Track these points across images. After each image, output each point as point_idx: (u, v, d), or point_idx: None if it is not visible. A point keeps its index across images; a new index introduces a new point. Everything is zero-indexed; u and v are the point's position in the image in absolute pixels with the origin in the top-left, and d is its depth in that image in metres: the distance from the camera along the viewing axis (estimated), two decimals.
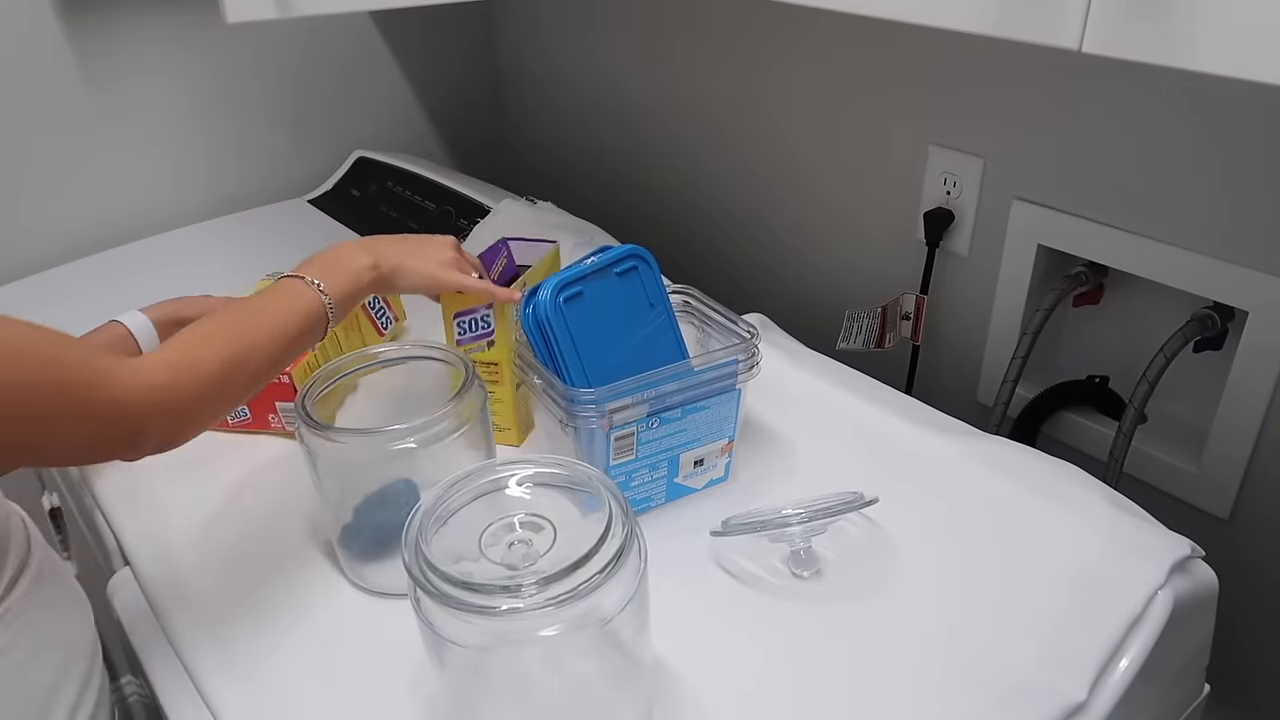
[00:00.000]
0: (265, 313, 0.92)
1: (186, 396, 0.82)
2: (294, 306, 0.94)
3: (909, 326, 1.48)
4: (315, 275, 0.97)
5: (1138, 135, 1.16)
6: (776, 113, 1.60)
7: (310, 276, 0.96)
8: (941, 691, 0.85)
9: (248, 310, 0.92)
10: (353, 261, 1.01)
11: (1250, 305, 1.12)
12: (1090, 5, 0.72)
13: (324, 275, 0.97)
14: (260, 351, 0.89)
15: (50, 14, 1.58)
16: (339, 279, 0.98)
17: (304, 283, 0.96)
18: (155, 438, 0.81)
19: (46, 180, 1.67)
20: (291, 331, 0.93)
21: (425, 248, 1.09)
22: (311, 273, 0.97)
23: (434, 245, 1.10)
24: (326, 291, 0.96)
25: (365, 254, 1.03)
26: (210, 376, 0.83)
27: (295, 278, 0.96)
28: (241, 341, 0.87)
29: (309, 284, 0.96)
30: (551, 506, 0.80)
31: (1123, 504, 1.03)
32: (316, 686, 0.90)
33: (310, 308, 0.95)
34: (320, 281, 0.96)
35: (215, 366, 0.84)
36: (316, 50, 1.90)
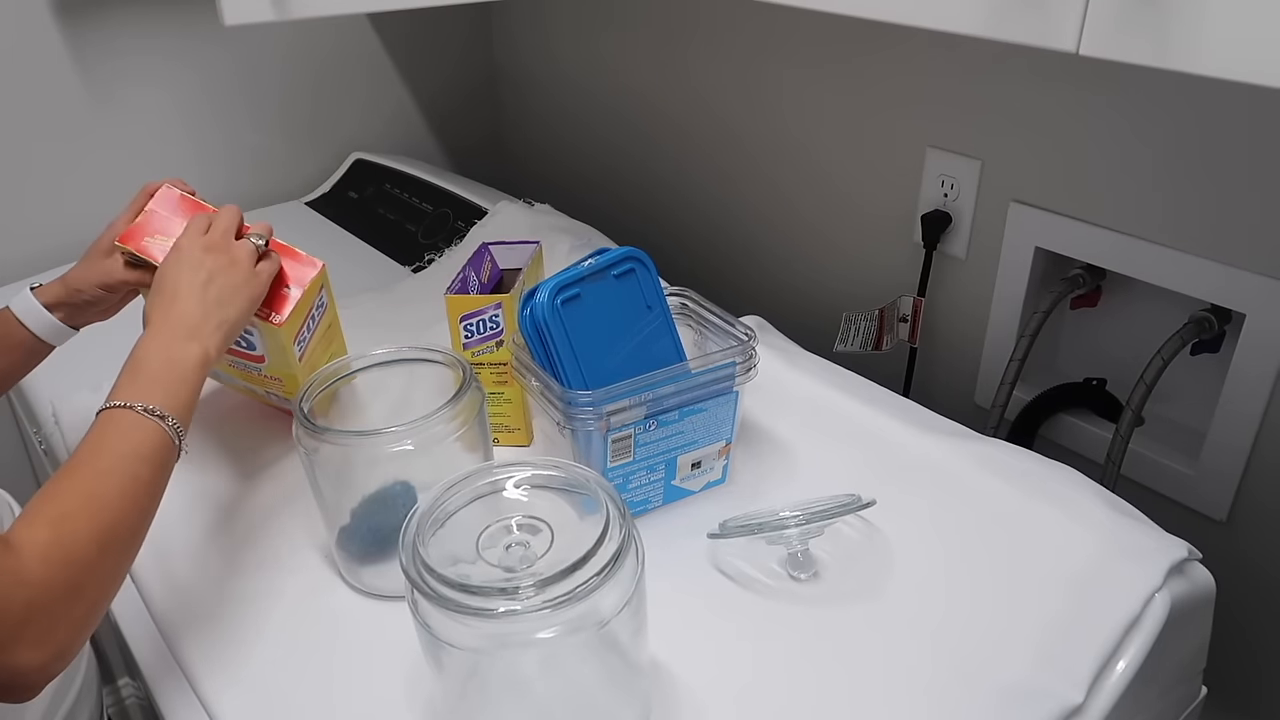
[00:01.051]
0: (110, 469, 0.78)
1: (61, 596, 0.70)
2: (137, 449, 0.80)
3: (907, 329, 1.48)
4: (138, 398, 0.83)
5: (1135, 138, 1.17)
6: (774, 114, 1.60)
7: (137, 403, 0.82)
8: (938, 693, 0.85)
9: (88, 472, 0.78)
10: (179, 360, 0.88)
11: (1247, 308, 1.12)
12: (1088, 8, 0.72)
13: (148, 390, 0.84)
14: (124, 521, 0.77)
15: (47, 16, 1.58)
16: (168, 389, 0.85)
17: (134, 414, 0.82)
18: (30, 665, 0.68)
19: (43, 182, 1.67)
20: (145, 478, 0.80)
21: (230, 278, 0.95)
22: (131, 394, 0.83)
23: (232, 263, 0.97)
24: (160, 410, 0.83)
25: (188, 344, 0.89)
26: (82, 560, 0.72)
27: (119, 409, 0.82)
28: (104, 513, 0.75)
29: (141, 414, 0.82)
30: (549, 509, 0.80)
31: (1120, 506, 1.03)
32: (313, 688, 0.90)
33: (154, 442, 0.82)
34: (152, 405, 0.82)
35: (85, 546, 0.72)
36: (314, 52, 1.90)
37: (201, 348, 0.89)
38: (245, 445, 1.20)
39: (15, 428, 1.71)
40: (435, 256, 1.62)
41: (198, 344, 0.89)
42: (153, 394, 0.83)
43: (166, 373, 0.86)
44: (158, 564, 1.04)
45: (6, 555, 0.68)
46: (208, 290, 0.93)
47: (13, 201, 1.65)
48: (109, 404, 0.82)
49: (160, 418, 0.82)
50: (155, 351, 0.88)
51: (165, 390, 0.84)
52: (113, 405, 0.82)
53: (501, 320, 1.11)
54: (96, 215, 1.71)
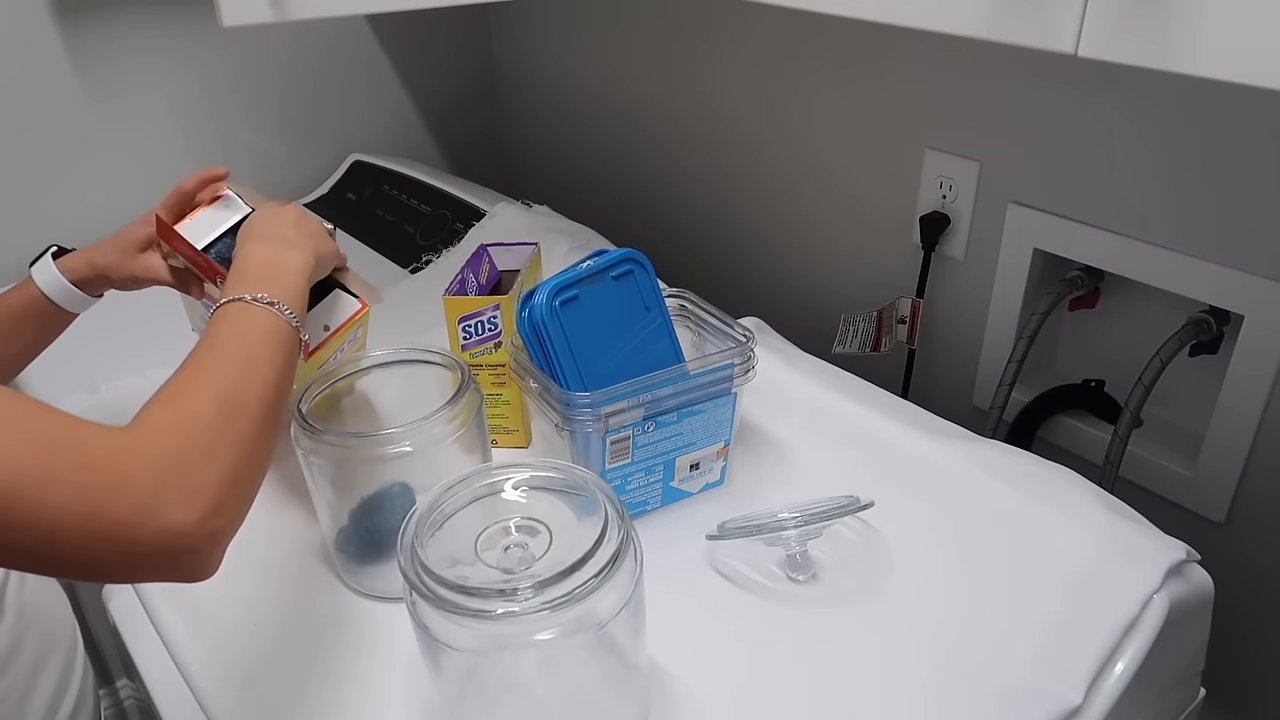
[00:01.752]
0: (224, 348, 0.79)
1: (192, 458, 0.69)
2: (250, 329, 0.82)
3: (905, 330, 1.48)
4: (249, 291, 0.84)
5: (1134, 139, 1.17)
6: (772, 115, 1.60)
7: (246, 294, 0.84)
8: (937, 695, 0.85)
9: (203, 354, 0.78)
10: (287, 262, 0.92)
11: (1246, 309, 1.12)
12: (1086, 9, 0.72)
13: (262, 287, 0.85)
14: (247, 389, 0.76)
15: (46, 17, 1.58)
16: (281, 284, 0.88)
17: (244, 304, 0.83)
18: (186, 526, 0.68)
19: (41, 183, 1.67)
20: (262, 354, 0.80)
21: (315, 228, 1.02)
22: (243, 290, 0.84)
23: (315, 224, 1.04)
24: (272, 299, 0.85)
25: (291, 251, 0.94)
26: (208, 424, 0.71)
27: (229, 303, 0.83)
28: (221, 382, 0.75)
29: (256, 304, 0.83)
30: (547, 510, 0.80)
31: (1118, 508, 1.03)
32: (311, 690, 0.90)
33: (267, 323, 0.83)
34: (266, 295, 0.84)
35: (208, 413, 0.72)
36: (312, 54, 1.90)
37: (302, 256, 0.94)
38: None
39: None
40: (433, 258, 1.62)
41: (298, 252, 0.94)
42: (265, 287, 0.85)
43: (271, 271, 0.89)
44: None
45: (123, 435, 0.68)
46: (299, 225, 0.99)
47: (12, 202, 1.65)
48: (220, 301, 0.84)
49: (270, 304, 0.84)
50: (258, 257, 0.91)
51: (273, 285, 0.86)
52: (224, 301, 0.84)
53: (500, 322, 1.11)
54: (96, 216, 1.72)
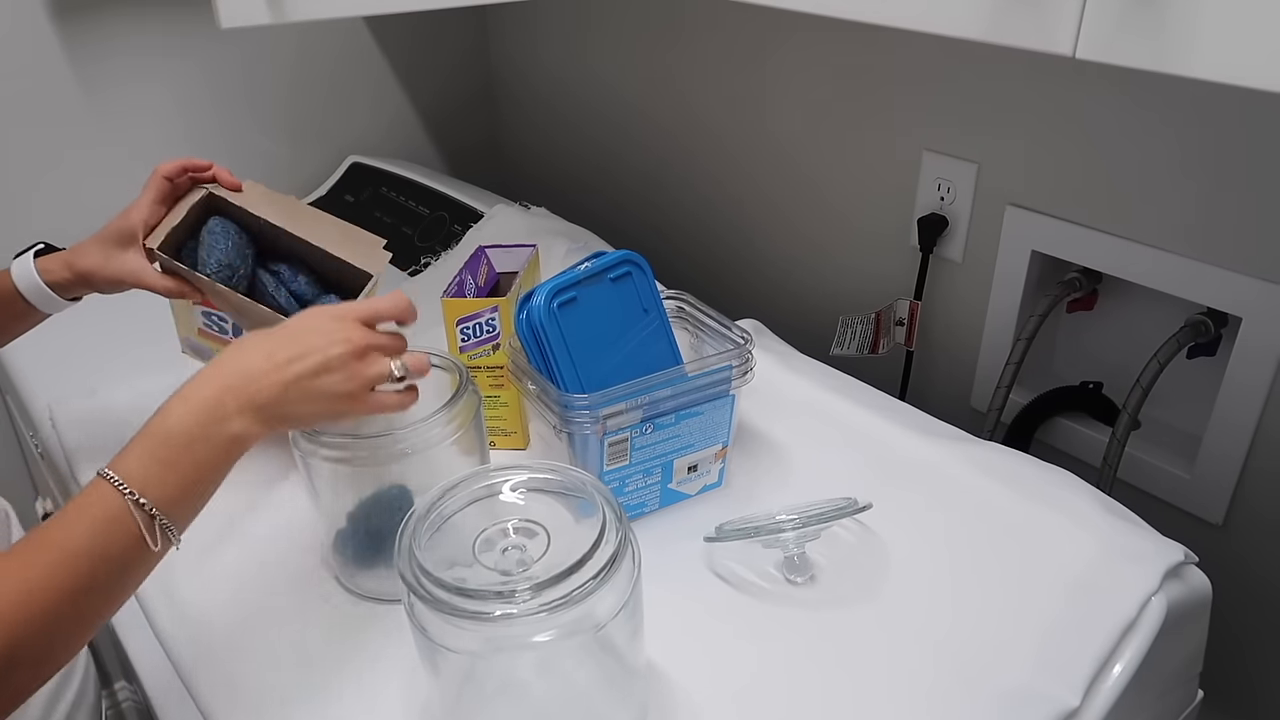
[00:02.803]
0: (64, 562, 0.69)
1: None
2: (106, 548, 0.71)
3: (903, 332, 1.48)
4: (138, 476, 0.73)
5: (1132, 141, 1.17)
6: (771, 117, 1.60)
7: (129, 485, 0.72)
8: (935, 697, 0.85)
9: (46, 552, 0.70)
10: (213, 444, 0.76)
11: (1244, 311, 1.12)
12: (1084, 11, 0.72)
13: (157, 472, 0.74)
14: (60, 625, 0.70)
15: (43, 18, 1.58)
16: (183, 474, 0.75)
17: (121, 501, 0.72)
18: None
19: (39, 184, 1.67)
20: (102, 583, 0.72)
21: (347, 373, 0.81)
22: (135, 467, 0.73)
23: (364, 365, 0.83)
24: (153, 507, 0.73)
25: (239, 418, 0.77)
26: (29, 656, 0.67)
27: (111, 484, 0.72)
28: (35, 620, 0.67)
29: (130, 504, 0.72)
30: (545, 512, 0.80)
31: (1116, 510, 1.03)
32: (309, 692, 0.90)
33: (127, 543, 0.72)
34: (139, 493, 0.72)
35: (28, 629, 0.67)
36: (310, 55, 1.90)
37: (244, 427, 0.77)
38: None
39: (11, 431, 1.71)
40: (432, 260, 1.62)
41: (242, 421, 0.77)
42: (161, 478, 0.74)
43: (191, 451, 0.75)
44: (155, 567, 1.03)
45: None
46: (308, 374, 0.80)
47: (10, 204, 1.64)
48: (107, 472, 0.73)
49: (151, 515, 0.73)
50: (194, 419, 0.76)
51: (179, 475, 0.75)
52: (108, 476, 0.73)
53: (498, 323, 1.11)
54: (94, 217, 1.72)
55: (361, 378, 0.82)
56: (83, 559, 0.70)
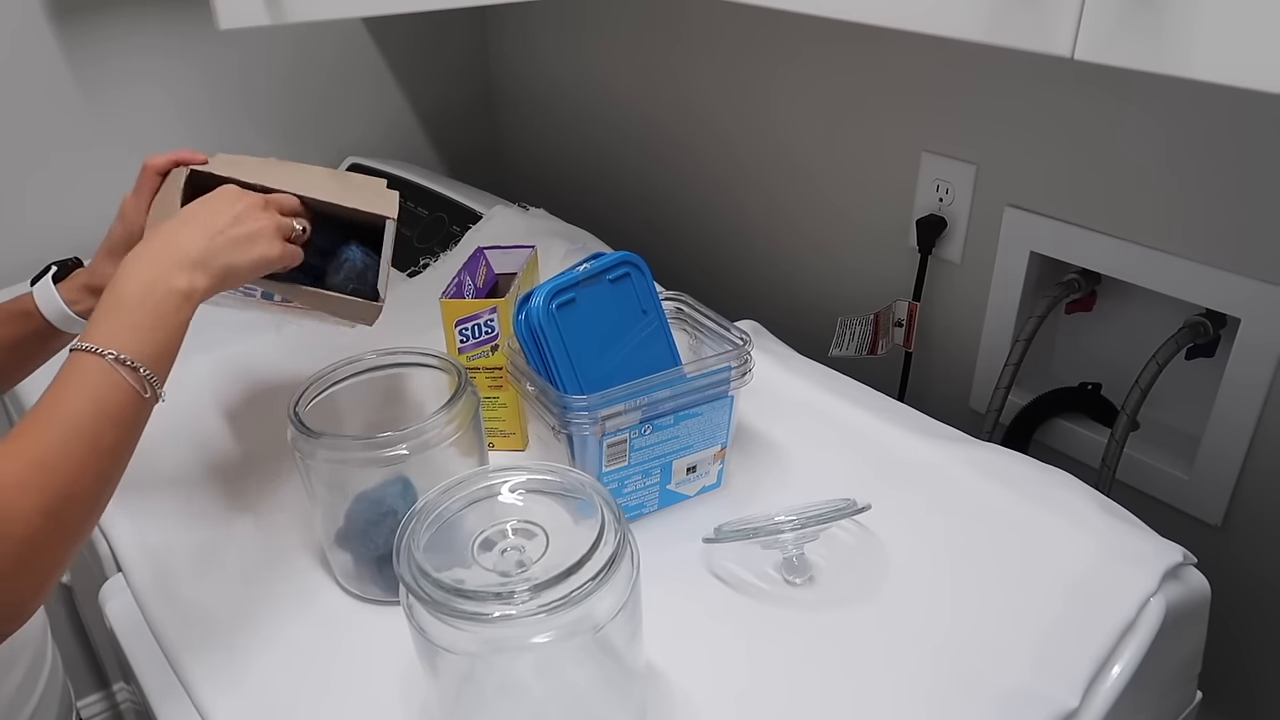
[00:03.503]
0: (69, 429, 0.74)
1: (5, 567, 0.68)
2: (103, 407, 0.76)
3: (902, 333, 1.48)
4: (110, 340, 0.78)
5: (1130, 142, 1.17)
6: (769, 119, 1.60)
7: (105, 348, 0.77)
8: (934, 698, 0.85)
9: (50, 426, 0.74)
10: (161, 295, 0.82)
11: (1242, 312, 1.12)
12: (1083, 13, 0.72)
13: (125, 335, 0.79)
14: (80, 482, 0.74)
15: (41, 19, 1.58)
16: (148, 333, 0.80)
17: (102, 363, 0.77)
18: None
19: (37, 185, 1.67)
20: (109, 439, 0.76)
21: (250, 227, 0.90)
22: (105, 335, 0.78)
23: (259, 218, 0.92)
24: (134, 361, 0.78)
25: (182, 273, 0.83)
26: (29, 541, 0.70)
27: (88, 353, 0.77)
28: (55, 476, 0.72)
29: (110, 364, 0.77)
30: (544, 513, 0.80)
31: (1115, 511, 1.03)
32: (308, 693, 0.90)
33: (121, 398, 0.77)
34: (117, 351, 0.77)
35: (34, 520, 0.70)
36: (309, 56, 1.90)
37: (188, 281, 0.83)
38: (239, 449, 1.20)
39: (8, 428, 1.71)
40: (430, 261, 1.62)
41: (184, 276, 0.83)
42: (130, 339, 0.79)
43: (151, 312, 0.81)
44: (152, 569, 1.04)
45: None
46: (223, 231, 0.88)
47: (8, 205, 1.64)
48: (80, 344, 0.77)
49: (133, 369, 0.78)
50: (144, 284, 0.82)
51: (146, 334, 0.80)
52: (84, 348, 0.77)
53: (496, 325, 1.11)
54: (92, 219, 1.72)
55: (273, 223, 0.93)
56: (92, 422, 0.75)
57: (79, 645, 1.91)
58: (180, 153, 1.04)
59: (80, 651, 1.92)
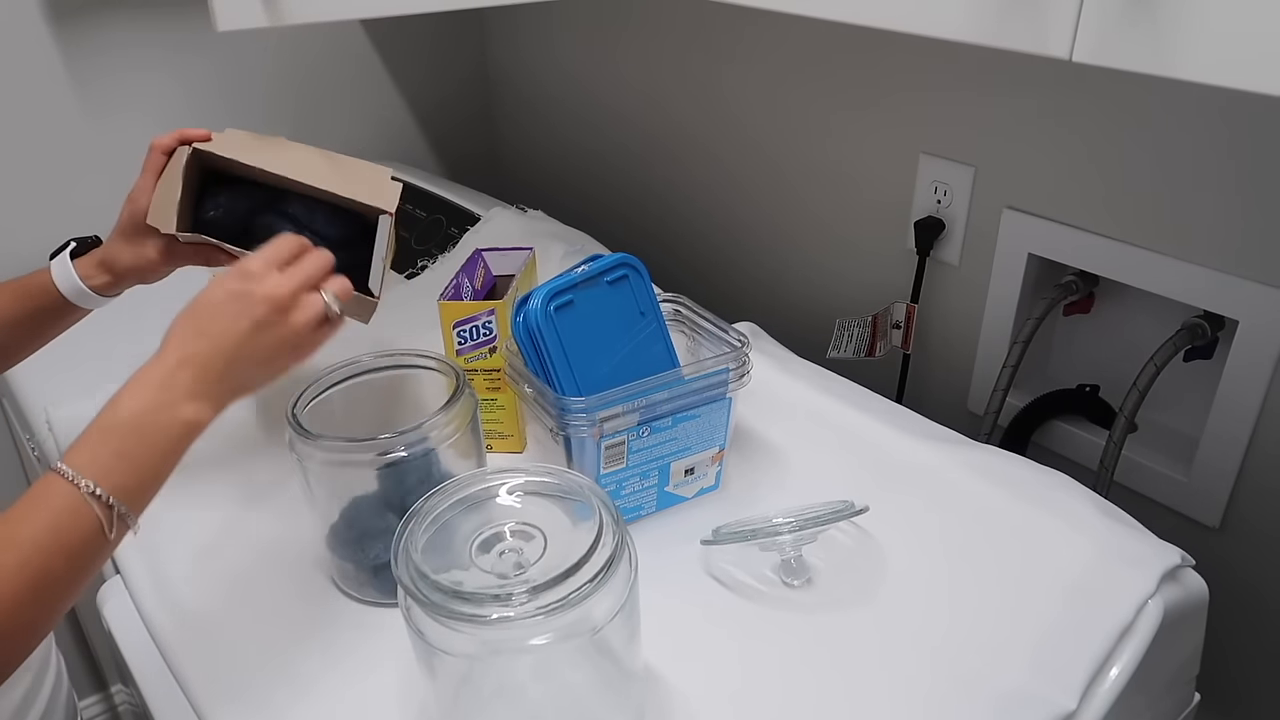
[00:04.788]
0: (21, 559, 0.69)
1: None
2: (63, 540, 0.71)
3: (899, 335, 1.48)
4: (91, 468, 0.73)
5: (1129, 144, 1.17)
6: (767, 121, 1.61)
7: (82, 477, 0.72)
8: (932, 700, 0.85)
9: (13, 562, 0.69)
10: (164, 426, 0.76)
11: (1241, 314, 1.12)
12: (1081, 14, 0.72)
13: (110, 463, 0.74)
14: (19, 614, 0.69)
15: (39, 21, 1.58)
16: (136, 463, 0.75)
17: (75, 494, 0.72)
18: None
19: (36, 187, 1.67)
20: (59, 573, 0.71)
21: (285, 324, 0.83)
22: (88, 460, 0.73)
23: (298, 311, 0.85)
24: (109, 497, 0.72)
25: (187, 402, 0.77)
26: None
27: (62, 479, 0.72)
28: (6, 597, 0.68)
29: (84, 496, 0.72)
30: (542, 515, 0.80)
31: (1113, 513, 1.03)
32: (306, 694, 0.90)
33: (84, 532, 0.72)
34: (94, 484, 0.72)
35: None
36: (307, 58, 1.90)
37: (196, 412, 0.78)
38: (238, 451, 1.20)
39: (8, 434, 1.71)
40: (428, 263, 1.62)
41: (193, 406, 0.78)
42: (114, 468, 0.74)
43: (139, 436, 0.76)
44: (150, 570, 1.04)
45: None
46: (247, 341, 0.81)
47: (9, 205, 1.64)
48: (62, 467, 0.72)
49: (108, 506, 0.72)
50: (140, 400, 0.77)
51: (133, 465, 0.75)
52: (63, 471, 0.72)
53: (495, 327, 1.11)
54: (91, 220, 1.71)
55: (298, 326, 0.84)
56: (44, 554, 0.70)
57: (77, 647, 1.91)
58: (185, 130, 1.04)
59: (78, 653, 1.92)
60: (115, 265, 1.03)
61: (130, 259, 1.03)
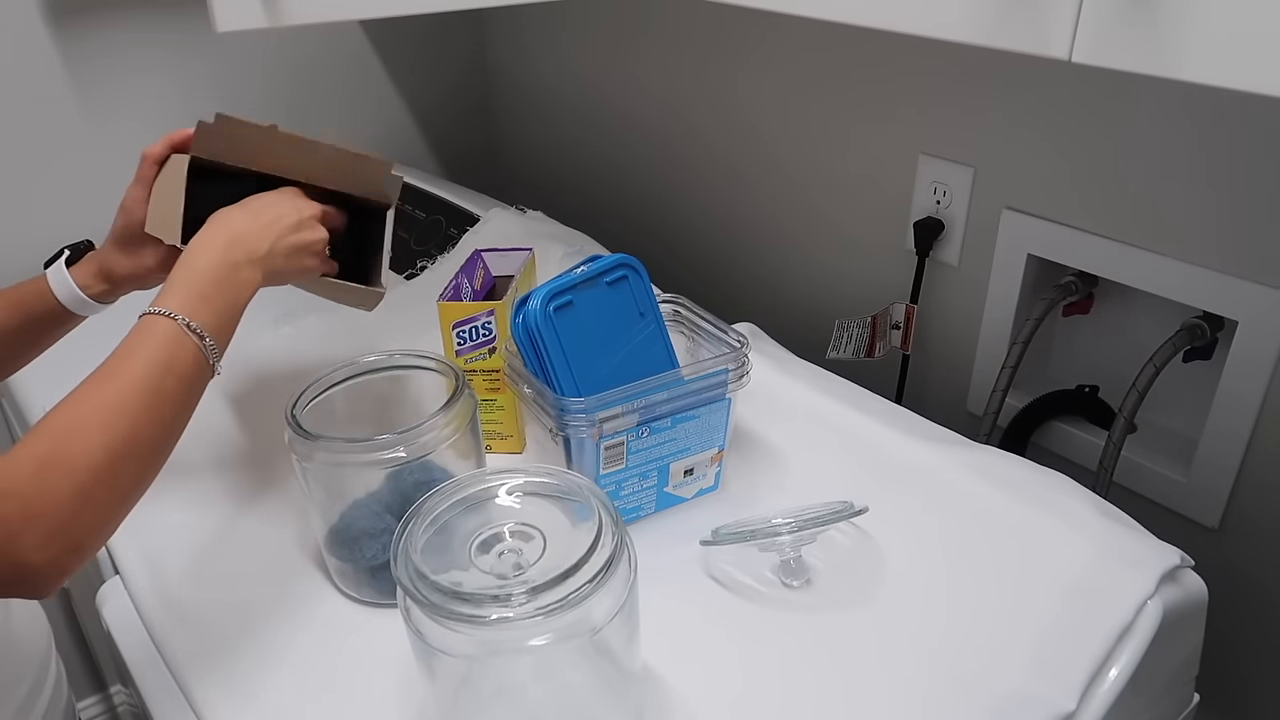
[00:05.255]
0: (137, 379, 0.78)
1: (65, 504, 0.70)
2: (170, 363, 0.80)
3: (899, 336, 1.48)
4: (183, 308, 0.83)
5: (1128, 144, 1.17)
6: (767, 122, 1.61)
7: (178, 313, 0.82)
8: (931, 701, 0.85)
9: (113, 380, 0.78)
10: (235, 283, 0.89)
11: (1240, 315, 1.12)
12: (1080, 15, 0.72)
13: (196, 305, 0.84)
14: (144, 433, 0.77)
15: (39, 22, 1.58)
16: (215, 307, 0.85)
17: (175, 327, 0.82)
18: (38, 564, 0.69)
19: (35, 188, 1.67)
20: (172, 393, 0.80)
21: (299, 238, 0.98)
22: (178, 303, 0.83)
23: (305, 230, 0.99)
24: (201, 330, 0.83)
25: (249, 267, 0.90)
26: (91, 473, 0.72)
27: (162, 316, 0.82)
28: (120, 424, 0.75)
29: (182, 328, 0.82)
30: (541, 516, 0.80)
31: (1112, 513, 1.03)
32: (305, 695, 0.90)
33: (188, 358, 0.82)
34: (188, 318, 0.83)
35: (96, 461, 0.72)
36: (306, 59, 1.90)
37: (250, 274, 0.91)
38: (237, 451, 1.20)
39: (7, 434, 1.71)
40: (428, 264, 1.62)
41: (248, 270, 0.91)
42: (200, 309, 0.84)
43: (219, 290, 0.87)
44: (150, 571, 1.03)
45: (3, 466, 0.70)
46: (284, 237, 0.96)
47: (7, 206, 1.64)
48: (153, 309, 0.83)
49: (200, 336, 0.83)
50: (215, 264, 0.89)
51: (213, 308, 0.85)
52: (156, 311, 0.83)
53: (494, 327, 1.11)
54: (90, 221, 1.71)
55: (319, 235, 1.01)
56: (157, 373, 0.79)
57: (77, 648, 1.91)
58: (172, 135, 1.07)
59: (78, 654, 1.92)
60: (113, 274, 1.03)
61: (128, 267, 1.03)
